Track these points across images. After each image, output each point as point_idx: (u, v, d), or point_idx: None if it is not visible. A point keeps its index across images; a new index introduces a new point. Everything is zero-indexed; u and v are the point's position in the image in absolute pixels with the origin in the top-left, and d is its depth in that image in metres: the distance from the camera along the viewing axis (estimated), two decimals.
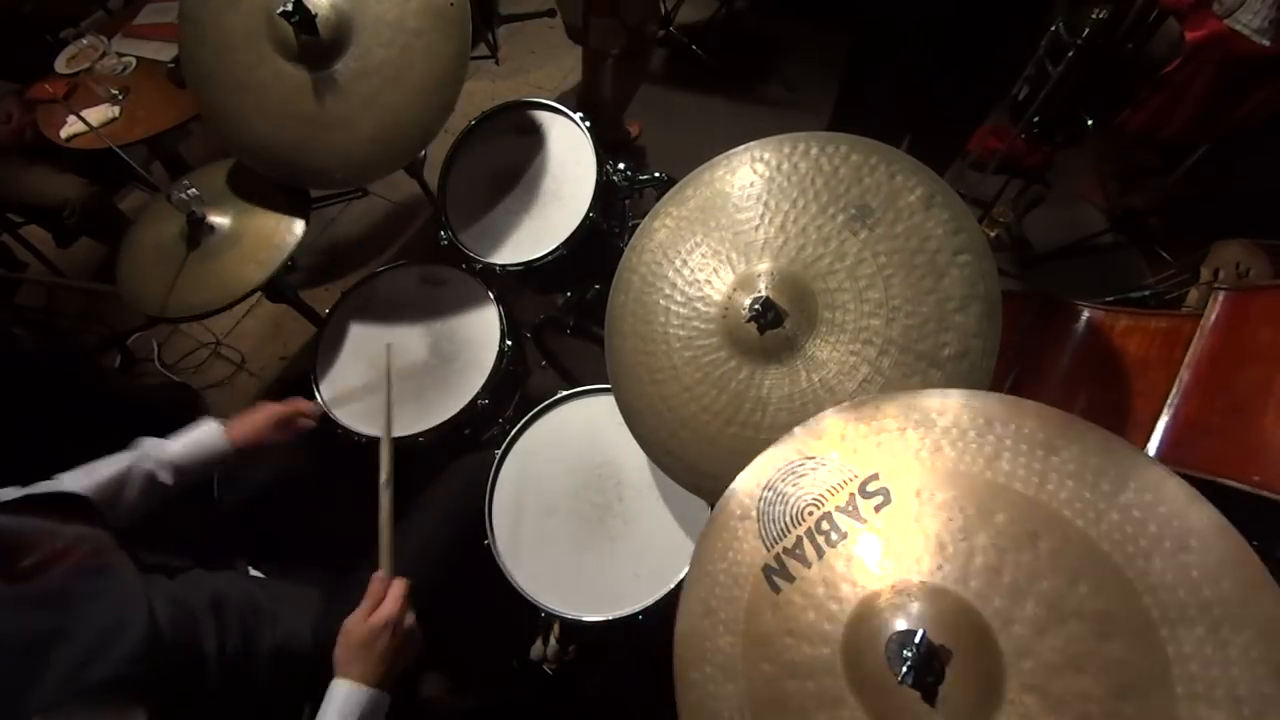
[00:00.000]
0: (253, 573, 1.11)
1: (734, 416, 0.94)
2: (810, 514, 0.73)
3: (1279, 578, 0.53)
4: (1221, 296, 1.07)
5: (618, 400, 1.09)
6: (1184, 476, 0.97)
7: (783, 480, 0.76)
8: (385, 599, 0.87)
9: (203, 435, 1.10)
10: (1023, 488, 0.65)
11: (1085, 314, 1.22)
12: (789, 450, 0.77)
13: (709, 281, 0.99)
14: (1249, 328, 1.03)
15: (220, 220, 1.44)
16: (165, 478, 1.06)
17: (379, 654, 0.83)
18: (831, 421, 0.77)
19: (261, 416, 1.14)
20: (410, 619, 0.88)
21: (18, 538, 0.76)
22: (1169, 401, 1.04)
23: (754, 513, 0.76)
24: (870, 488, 0.71)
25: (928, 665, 0.59)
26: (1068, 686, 0.56)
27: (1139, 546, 0.58)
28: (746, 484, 0.79)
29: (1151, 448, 1.03)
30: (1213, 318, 1.06)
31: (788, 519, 0.74)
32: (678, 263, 1.02)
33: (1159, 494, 0.59)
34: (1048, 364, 1.23)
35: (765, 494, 0.76)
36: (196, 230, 1.41)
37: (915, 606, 0.65)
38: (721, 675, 0.71)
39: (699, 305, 0.99)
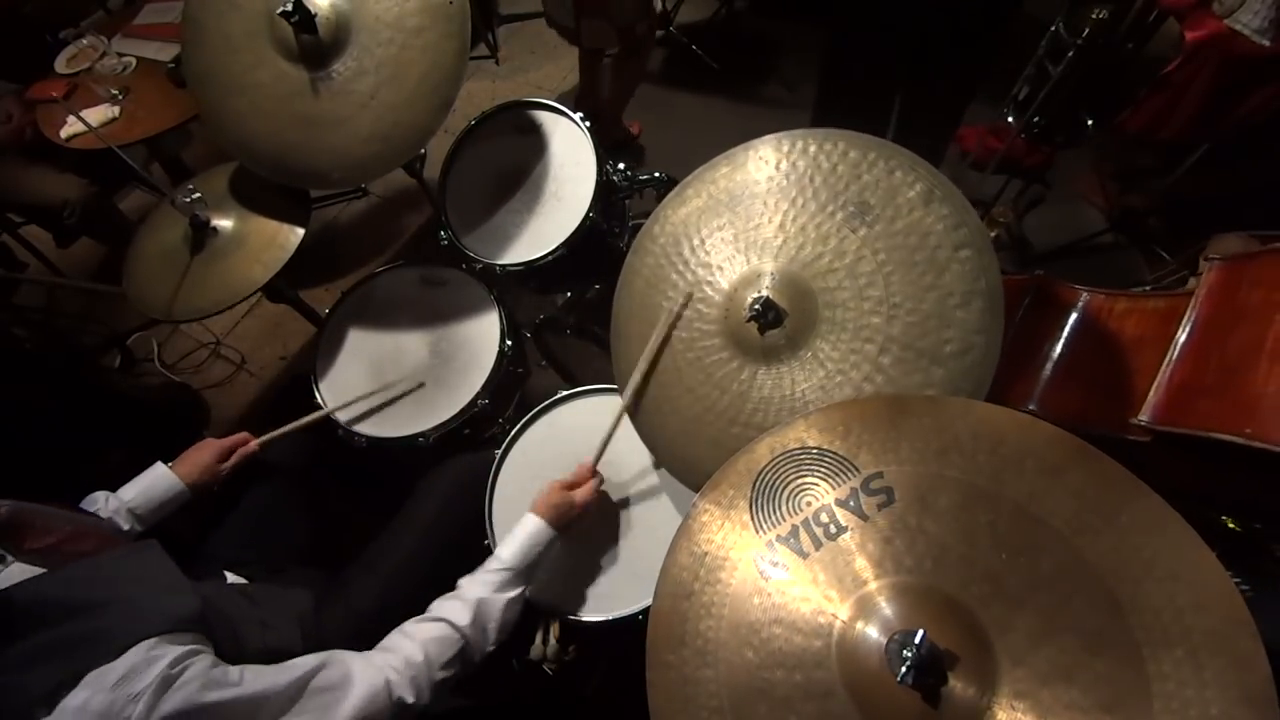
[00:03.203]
0: (232, 579, 1.11)
1: (736, 417, 0.93)
2: (808, 504, 0.72)
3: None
4: (1215, 267, 1.07)
5: (625, 401, 1.08)
6: (1178, 435, 0.98)
7: (780, 466, 0.75)
8: (582, 488, 1.06)
9: (154, 479, 1.13)
10: (1027, 503, 0.66)
11: (1084, 297, 1.22)
12: (789, 438, 0.77)
13: (720, 267, 0.98)
14: (1241, 292, 1.03)
15: (223, 223, 1.44)
16: (124, 524, 1.08)
17: (561, 518, 1.02)
18: (836, 415, 0.77)
19: (206, 452, 1.18)
20: (592, 507, 1.07)
21: (32, 517, 0.80)
22: (1163, 366, 1.04)
23: (746, 496, 0.75)
24: (873, 485, 0.71)
25: (929, 666, 0.59)
26: (1057, 696, 0.58)
27: (1131, 571, 0.61)
28: (740, 466, 0.77)
29: (1145, 412, 1.03)
30: (1205, 287, 1.07)
31: (783, 506, 0.73)
32: (685, 251, 1.01)
33: (1156, 524, 0.62)
34: (1043, 345, 1.23)
35: (760, 478, 0.75)
36: (200, 234, 1.41)
37: (915, 608, 0.65)
38: (699, 659, 0.70)
39: (701, 307, 0.99)
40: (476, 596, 0.93)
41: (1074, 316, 1.22)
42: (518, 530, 1.01)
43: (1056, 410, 1.17)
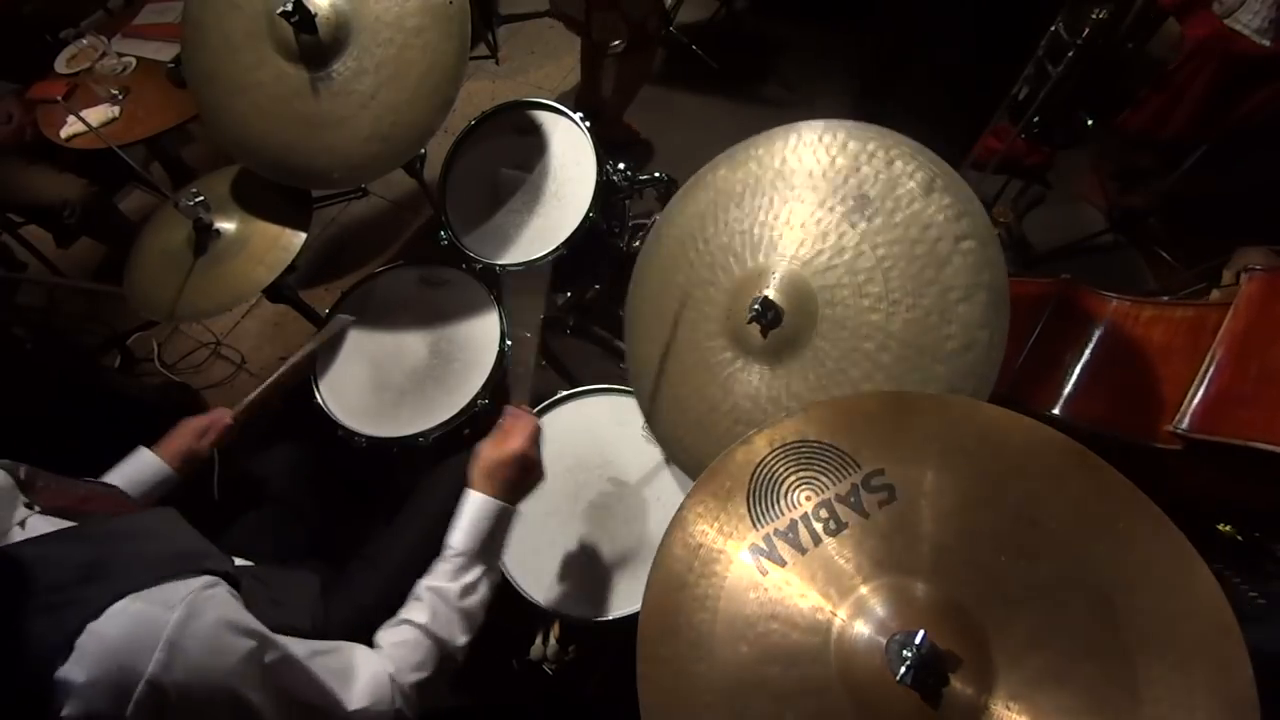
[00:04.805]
0: (240, 563, 1.11)
1: (741, 417, 0.94)
2: (808, 499, 0.72)
3: None
4: (1254, 277, 1.08)
5: (639, 401, 1.10)
6: (1214, 444, 0.99)
7: (780, 460, 0.74)
8: (513, 433, 0.97)
9: (138, 463, 1.12)
10: (1028, 507, 0.66)
11: (1112, 303, 1.22)
12: (788, 430, 0.76)
13: (724, 268, 0.99)
14: None
15: (226, 225, 1.44)
16: None
17: (502, 480, 0.94)
18: (838, 410, 0.76)
19: (184, 431, 1.17)
20: (533, 453, 0.98)
21: (48, 480, 0.80)
22: (1201, 373, 1.04)
23: (744, 488, 0.74)
24: (875, 482, 0.70)
25: (928, 666, 0.58)
26: (1050, 698, 0.59)
27: (1126, 577, 0.61)
28: (739, 458, 0.76)
29: (1184, 419, 1.03)
30: (1245, 296, 1.07)
31: (781, 500, 0.72)
32: (690, 253, 1.02)
33: (1152, 532, 0.62)
34: (1068, 350, 1.23)
35: (759, 470, 0.74)
36: (204, 236, 1.41)
37: (913, 607, 0.65)
38: (692, 653, 0.68)
39: (706, 308, 1.00)
40: (431, 588, 0.90)
41: (1100, 322, 1.22)
42: (459, 513, 0.95)
43: (1082, 415, 1.17)
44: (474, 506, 0.94)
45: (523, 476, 0.97)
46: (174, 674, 0.62)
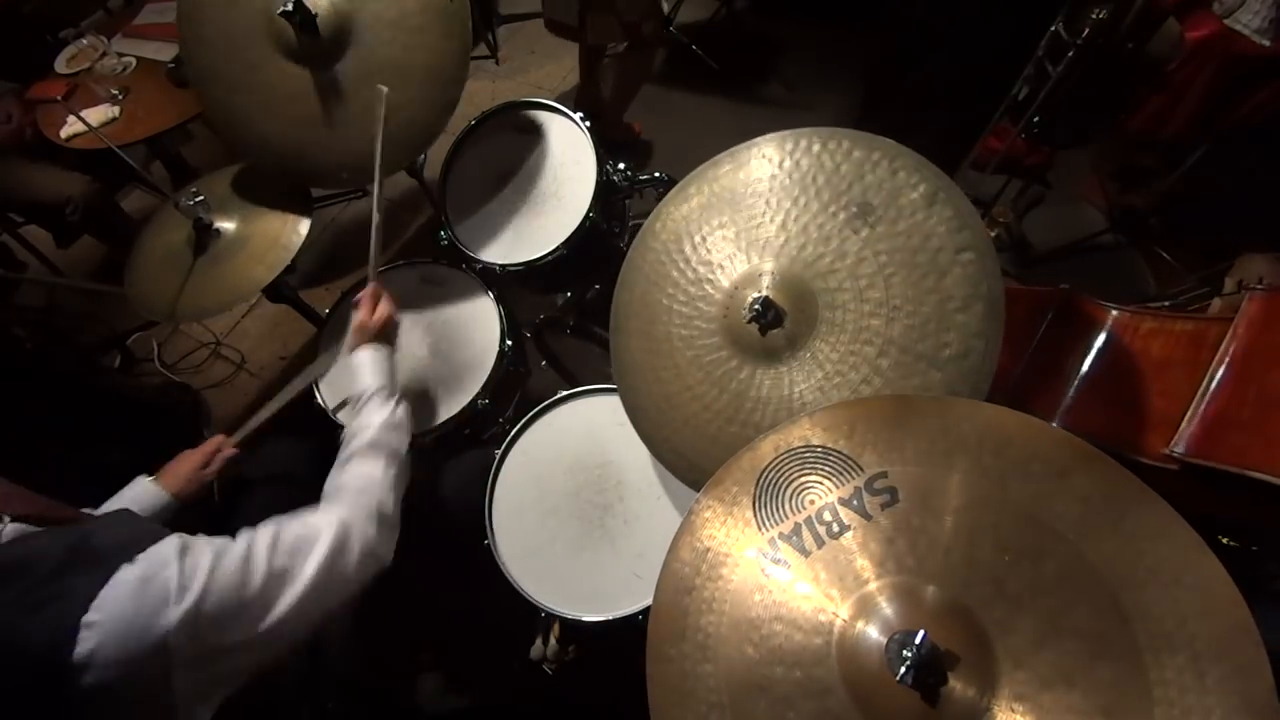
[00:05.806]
0: None
1: (734, 415, 0.93)
2: (811, 502, 0.72)
3: None
4: (1255, 297, 1.06)
5: (622, 398, 1.08)
6: (1211, 470, 0.98)
7: (784, 464, 0.75)
8: (380, 302, 1.17)
9: (139, 493, 1.13)
10: (1032, 506, 0.66)
11: (1111, 314, 1.21)
12: (793, 435, 0.77)
13: (721, 266, 0.99)
14: None
15: (226, 225, 1.44)
16: None
17: (380, 336, 1.15)
18: (841, 414, 0.76)
19: (186, 463, 1.18)
20: (394, 314, 1.18)
21: (8, 489, 0.80)
22: (1199, 396, 1.03)
23: (750, 493, 0.75)
24: (877, 485, 0.71)
25: (929, 666, 0.59)
26: (1057, 699, 0.58)
27: (1135, 576, 0.60)
28: (745, 463, 0.77)
29: (1179, 443, 1.02)
30: (1245, 317, 1.05)
31: (786, 504, 0.73)
32: (686, 249, 1.02)
33: (1161, 529, 0.62)
34: (1067, 361, 1.22)
35: (764, 475, 0.75)
36: (204, 235, 1.41)
37: (916, 608, 0.65)
38: (699, 654, 0.70)
39: (701, 305, 0.99)
40: (372, 424, 1.02)
41: (1099, 333, 1.21)
42: (360, 367, 1.11)
43: (1078, 428, 1.16)
44: (371, 357, 1.11)
45: (390, 333, 1.17)
46: (200, 605, 0.68)
